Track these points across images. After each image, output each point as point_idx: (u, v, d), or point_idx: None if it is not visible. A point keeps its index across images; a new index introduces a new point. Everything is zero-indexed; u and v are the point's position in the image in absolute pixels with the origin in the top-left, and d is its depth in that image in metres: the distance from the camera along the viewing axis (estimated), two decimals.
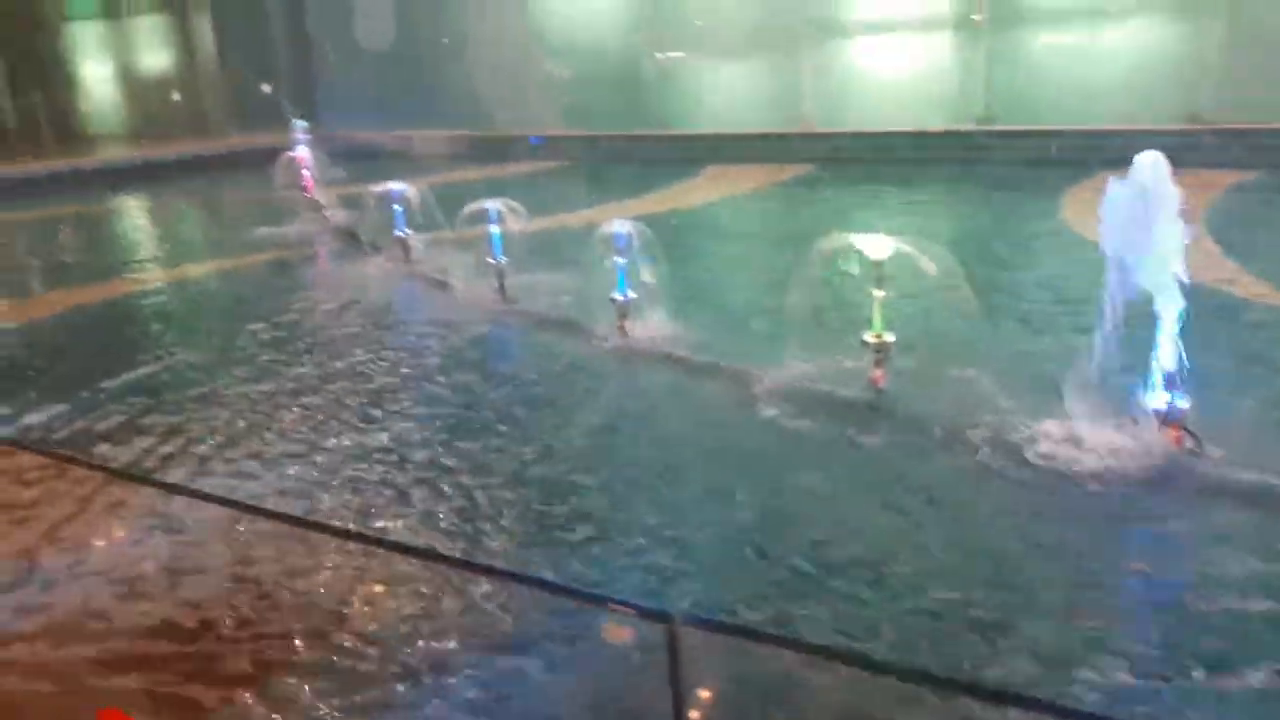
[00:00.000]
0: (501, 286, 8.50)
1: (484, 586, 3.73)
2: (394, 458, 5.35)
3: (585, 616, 3.12)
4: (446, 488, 4.91)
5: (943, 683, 2.61)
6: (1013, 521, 4.40)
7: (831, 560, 4.08)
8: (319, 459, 5.39)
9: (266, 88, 25.32)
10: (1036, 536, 4.25)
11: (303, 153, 13.64)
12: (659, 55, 20.15)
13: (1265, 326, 6.79)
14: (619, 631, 2.31)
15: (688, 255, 10.24)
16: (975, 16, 16.72)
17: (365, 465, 5.28)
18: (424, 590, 3.78)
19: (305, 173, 13.53)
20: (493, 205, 8.34)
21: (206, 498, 4.53)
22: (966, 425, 5.12)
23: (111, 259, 12.39)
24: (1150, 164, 4.74)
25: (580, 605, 3.25)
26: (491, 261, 8.46)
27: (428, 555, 3.98)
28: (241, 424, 5.98)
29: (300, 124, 14.00)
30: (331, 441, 5.64)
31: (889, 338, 5.68)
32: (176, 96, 26.36)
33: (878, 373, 5.74)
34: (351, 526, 4.41)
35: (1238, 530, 4.15)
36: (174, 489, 4.76)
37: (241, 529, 4.32)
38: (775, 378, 5.93)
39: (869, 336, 5.71)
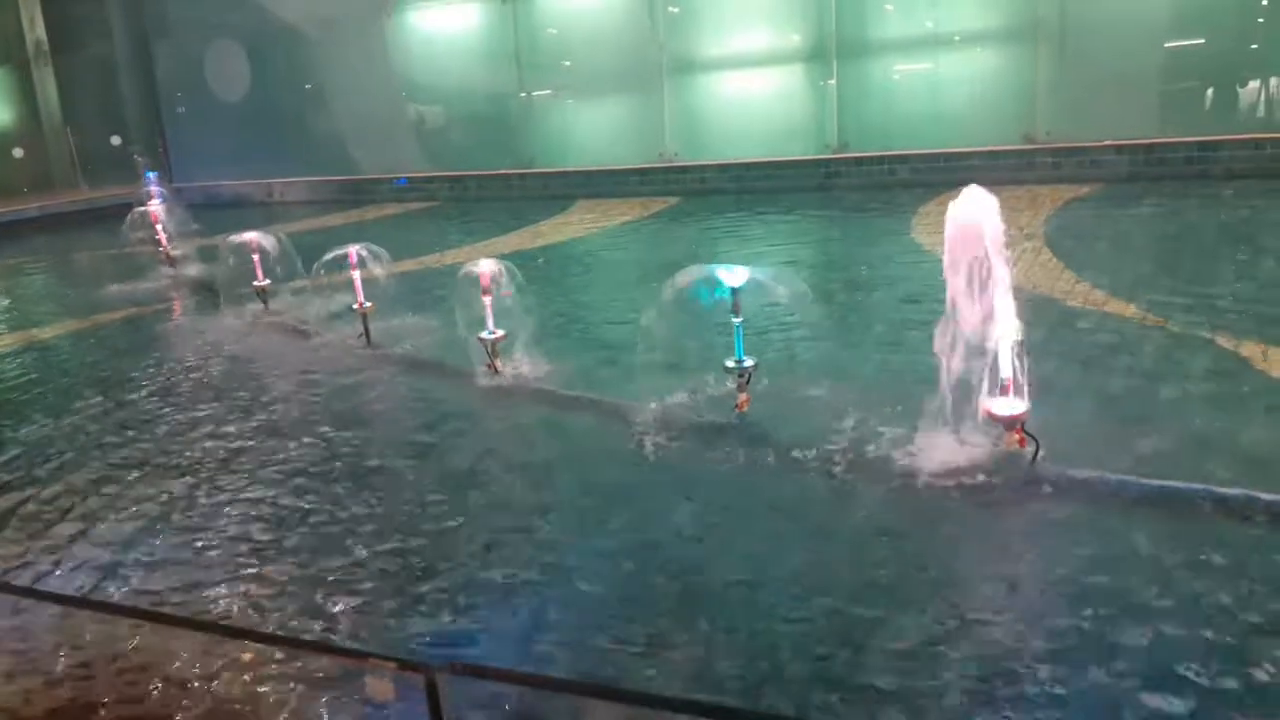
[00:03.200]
0: (365, 331, 8.36)
1: (246, 653, 3.62)
2: (254, 514, 5.16)
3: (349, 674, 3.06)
4: (301, 541, 4.77)
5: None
6: (866, 527, 4.54)
7: (704, 584, 4.13)
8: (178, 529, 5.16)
9: (116, 140, 24.38)
10: (886, 536, 4.40)
11: (155, 206, 13.17)
12: (524, 95, 20.29)
13: (1099, 332, 7.22)
14: (381, 686, 2.30)
15: (558, 290, 10.29)
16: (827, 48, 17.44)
17: (213, 533, 5.08)
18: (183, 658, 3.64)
19: (158, 226, 13.06)
20: (354, 250, 8.21)
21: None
22: (823, 442, 5.28)
23: None
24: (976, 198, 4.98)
25: (341, 661, 3.18)
26: (354, 307, 8.31)
27: (184, 623, 3.82)
28: (100, 492, 5.68)
29: (151, 176, 13.53)
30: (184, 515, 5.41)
31: (749, 363, 5.82)
32: (19, 152, 25.08)
33: (742, 397, 5.87)
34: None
35: (1072, 522, 4.42)
36: None
37: None
38: (644, 408, 5.99)
39: (730, 363, 5.85)
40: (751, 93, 18.38)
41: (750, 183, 17.39)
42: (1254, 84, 14.69)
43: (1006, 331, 4.92)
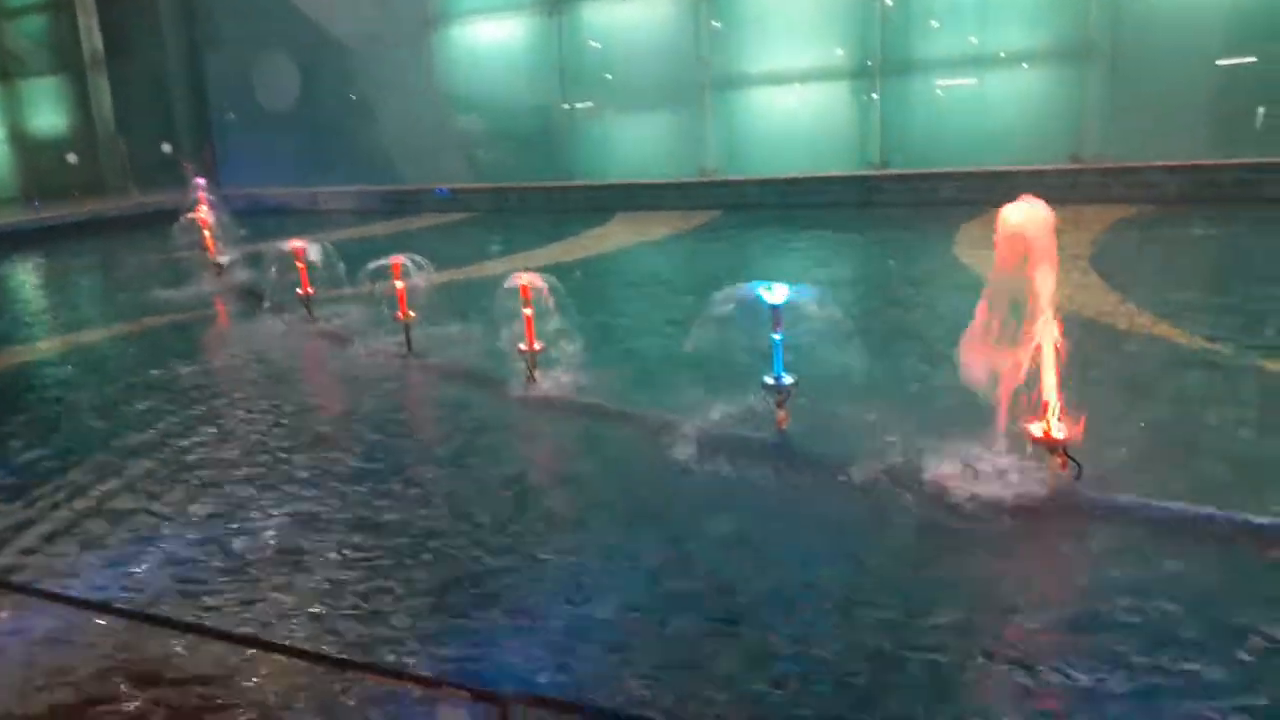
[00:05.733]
0: (408, 340, 8.45)
1: (314, 676, 3.66)
2: (298, 524, 5.24)
3: (423, 702, 3.08)
4: (348, 553, 4.83)
5: None
6: (908, 552, 4.51)
7: (744, 596, 4.13)
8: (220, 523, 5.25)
9: (166, 147, 24.87)
10: (928, 561, 4.37)
11: (203, 212, 13.41)
12: (567, 108, 20.44)
13: (1144, 356, 7.13)
14: (453, 715, 2.31)
15: (597, 303, 10.33)
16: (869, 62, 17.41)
17: (262, 537, 5.16)
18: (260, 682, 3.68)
19: (206, 233, 13.29)
20: (399, 260, 8.32)
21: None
22: (864, 461, 5.26)
23: (2, 326, 11.92)
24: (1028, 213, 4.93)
25: (417, 689, 3.19)
26: (398, 316, 8.41)
27: (254, 643, 3.85)
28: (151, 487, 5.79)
29: (200, 182, 13.78)
30: (233, 508, 5.50)
31: (788, 380, 5.81)
32: (73, 157, 25.68)
33: (781, 414, 5.86)
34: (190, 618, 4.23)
35: (1114, 544, 4.38)
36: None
37: None
38: (684, 422, 6.00)
39: (770, 379, 5.84)
40: (794, 108, 18.37)
41: (792, 198, 17.35)
42: None
43: (1049, 352, 4.88)
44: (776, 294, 5.77)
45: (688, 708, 3.42)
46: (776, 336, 5.76)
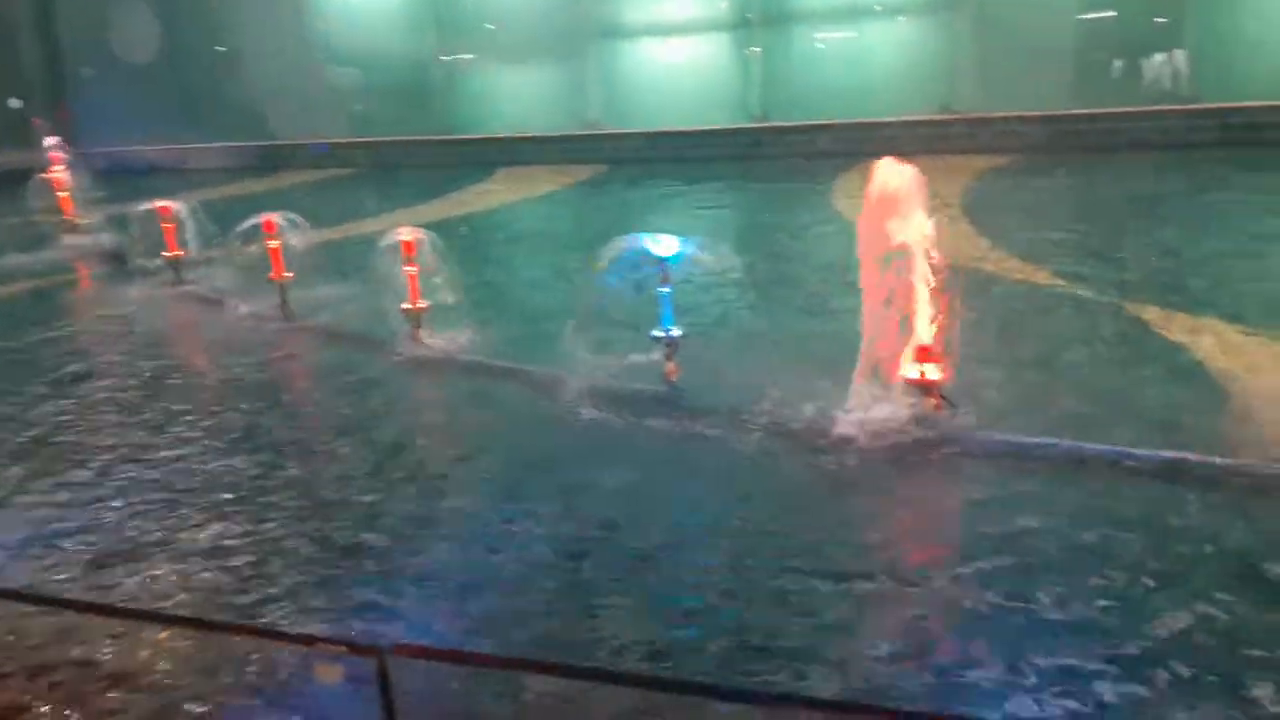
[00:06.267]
0: (284, 303, 8.17)
1: (195, 642, 3.58)
2: (168, 496, 5.04)
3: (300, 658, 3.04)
4: (230, 524, 4.68)
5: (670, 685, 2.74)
6: (791, 493, 4.64)
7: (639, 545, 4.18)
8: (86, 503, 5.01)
9: (15, 102, 23.27)
10: (811, 500, 4.51)
11: (58, 172, 12.63)
12: (447, 59, 19.91)
13: (1012, 299, 7.43)
14: (330, 670, 2.29)
15: (482, 260, 10.19)
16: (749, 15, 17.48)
17: (137, 503, 4.95)
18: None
19: (61, 194, 12.53)
20: (272, 218, 8.01)
21: None
22: (750, 408, 5.36)
23: None
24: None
25: (291, 647, 3.14)
26: (273, 278, 8.12)
27: (129, 614, 3.73)
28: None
29: (52, 141, 12.96)
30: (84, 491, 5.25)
31: (676, 332, 5.85)
32: None
33: (670, 366, 5.91)
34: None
35: (984, 477, 4.61)
36: None
37: None
38: (574, 377, 5.98)
39: (658, 332, 5.87)
40: (677, 61, 18.34)
41: (676, 151, 17.37)
42: (1160, 57, 15.14)
43: (923, 298, 5.04)
44: (664, 246, 5.78)
45: (581, 649, 3.46)
46: (664, 289, 5.78)
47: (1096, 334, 6.55)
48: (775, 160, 16.41)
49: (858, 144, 14.45)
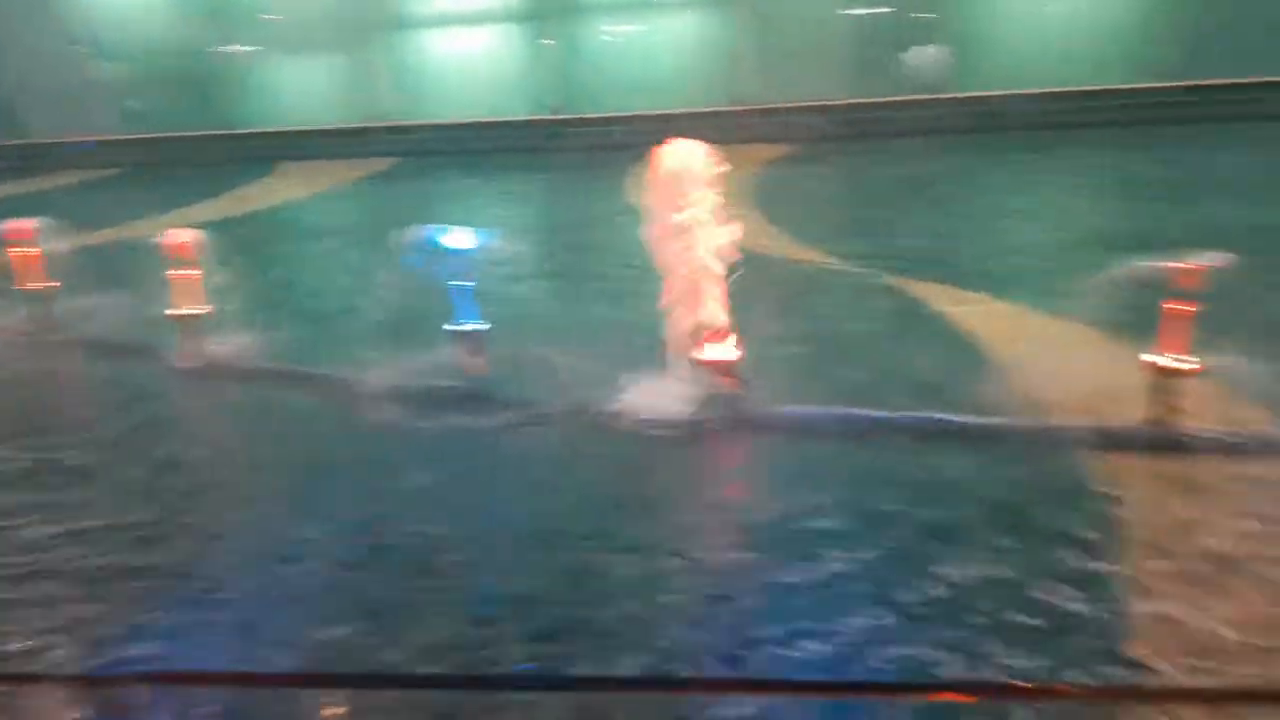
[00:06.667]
0: (46, 313, 7.50)
1: None
2: None
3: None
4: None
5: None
6: (597, 479, 4.70)
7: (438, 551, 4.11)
8: None
9: None
10: (615, 483, 4.59)
11: None
12: (224, 50, 18.79)
13: (795, 280, 7.80)
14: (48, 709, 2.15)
15: (267, 260, 9.71)
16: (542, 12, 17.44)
17: None
18: None
19: None
20: (26, 225, 7.33)
21: None
22: (552, 399, 5.38)
23: None
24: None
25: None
26: (29, 287, 7.43)
27: None
28: None
29: None
30: None
31: (474, 326, 5.79)
32: None
33: (469, 361, 5.84)
34: None
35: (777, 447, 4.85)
36: None
37: None
38: (369, 379, 5.80)
39: (454, 326, 5.79)
40: (470, 52, 18.08)
41: (470, 144, 17.16)
42: (923, 50, 16.22)
43: (712, 281, 5.22)
44: (457, 240, 5.70)
45: (382, 658, 3.38)
46: (461, 283, 5.70)
47: (874, 309, 6.98)
48: (571, 152, 16.49)
49: (652, 136, 14.64)
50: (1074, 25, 15.25)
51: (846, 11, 16.36)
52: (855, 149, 14.62)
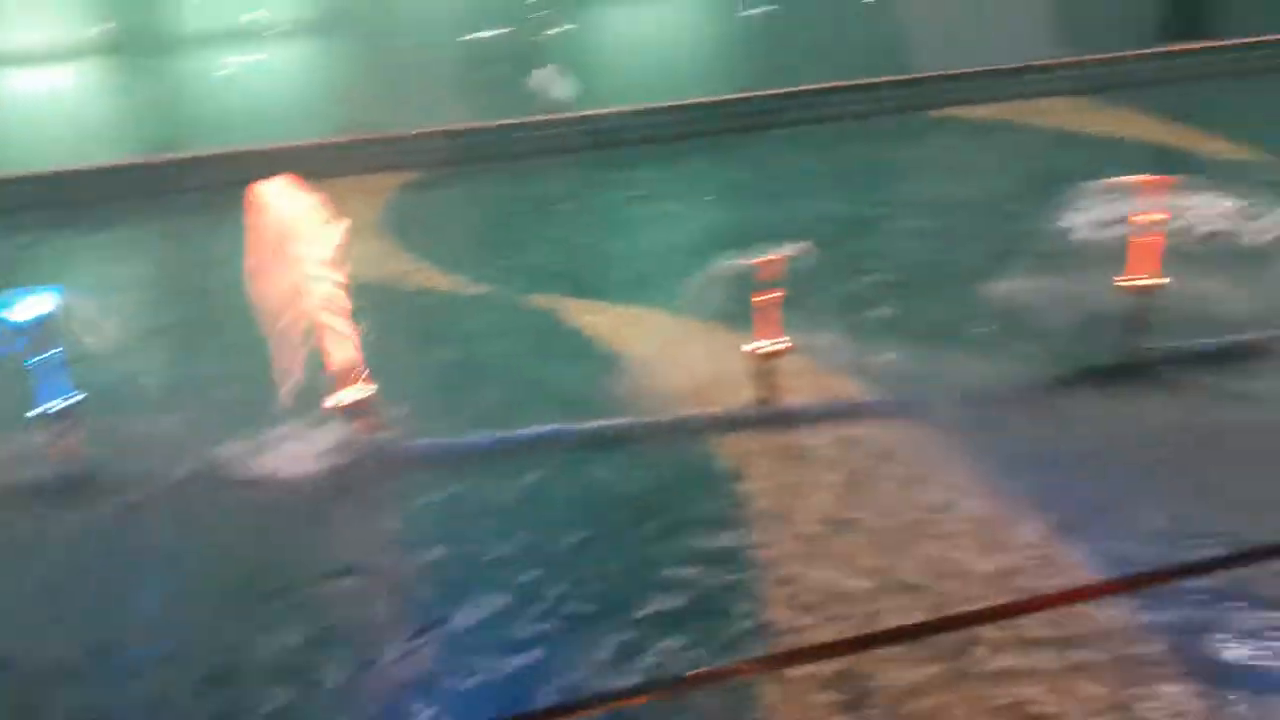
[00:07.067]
0: None
1: None
2: None
3: None
4: None
5: None
6: (235, 543, 4.38)
7: None
8: None
9: None
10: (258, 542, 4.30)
11: None
12: None
13: (432, 309, 7.73)
14: None
15: None
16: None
17: None
18: None
19: None
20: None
21: None
22: (169, 469, 4.93)
23: None
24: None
25: None
26: None
27: None
28: None
29: None
30: None
31: (72, 399, 5.15)
32: None
33: (61, 443, 5.18)
34: None
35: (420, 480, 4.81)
36: None
37: None
38: None
39: (40, 409, 5.10)
40: (56, 91, 16.17)
41: (66, 193, 15.28)
42: (541, 72, 16.73)
43: (337, 324, 5.03)
44: (28, 309, 5.02)
45: None
46: (37, 358, 5.02)
47: (511, 328, 7.08)
48: (185, 194, 15.21)
49: (267, 170, 13.95)
50: (677, 42, 16.49)
51: (465, 36, 16.55)
52: (482, 172, 14.80)
